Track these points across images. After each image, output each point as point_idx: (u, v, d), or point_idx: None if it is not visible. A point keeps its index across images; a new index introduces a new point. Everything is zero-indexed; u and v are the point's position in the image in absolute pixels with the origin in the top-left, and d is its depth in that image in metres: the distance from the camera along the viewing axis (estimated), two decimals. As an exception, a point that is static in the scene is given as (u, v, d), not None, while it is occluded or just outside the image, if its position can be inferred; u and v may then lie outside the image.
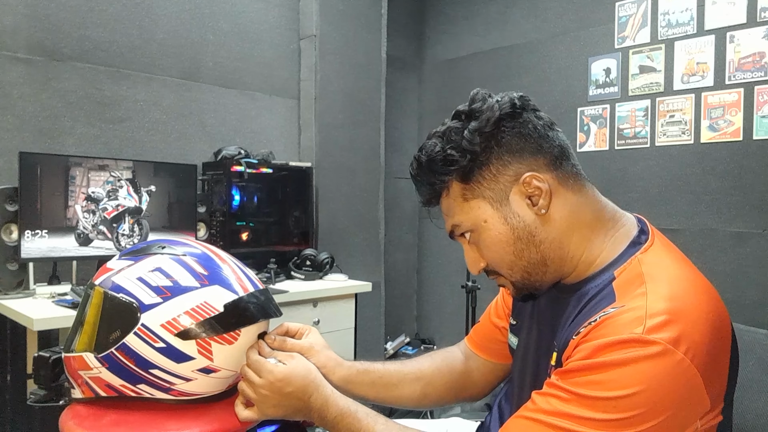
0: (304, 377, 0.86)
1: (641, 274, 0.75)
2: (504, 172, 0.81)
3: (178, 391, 0.82)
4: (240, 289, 0.85)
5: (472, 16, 3.40)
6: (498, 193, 0.81)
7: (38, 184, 1.90)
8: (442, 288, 3.57)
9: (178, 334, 0.79)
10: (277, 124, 2.88)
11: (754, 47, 2.33)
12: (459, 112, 0.85)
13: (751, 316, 2.33)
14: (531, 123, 0.82)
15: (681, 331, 0.67)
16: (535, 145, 0.81)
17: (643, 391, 0.66)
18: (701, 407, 0.70)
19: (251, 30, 2.77)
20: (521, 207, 0.81)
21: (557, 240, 0.82)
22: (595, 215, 0.84)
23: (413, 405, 1.12)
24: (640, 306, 0.70)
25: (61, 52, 2.19)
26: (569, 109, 2.92)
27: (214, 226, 2.43)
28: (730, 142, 2.40)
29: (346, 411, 0.85)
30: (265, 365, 0.85)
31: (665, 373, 0.66)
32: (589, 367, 0.69)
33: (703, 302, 0.73)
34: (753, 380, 1.00)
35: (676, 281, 0.74)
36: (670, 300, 0.70)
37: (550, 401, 0.71)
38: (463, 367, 1.14)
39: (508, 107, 0.82)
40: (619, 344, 0.68)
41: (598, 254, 0.82)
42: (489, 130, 0.81)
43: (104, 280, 0.84)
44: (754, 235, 2.36)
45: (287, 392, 0.84)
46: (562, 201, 0.81)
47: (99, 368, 0.81)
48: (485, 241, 0.84)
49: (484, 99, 0.83)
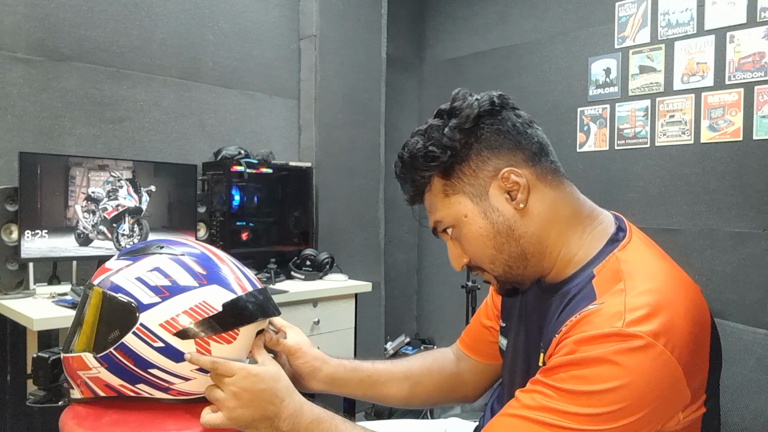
0: (276, 380, 0.82)
1: (619, 271, 0.77)
2: (483, 168, 0.83)
3: (177, 390, 0.82)
4: (238, 288, 0.85)
5: (472, 16, 3.40)
6: (478, 188, 0.84)
7: (38, 184, 1.90)
8: (442, 288, 3.57)
9: (177, 334, 0.79)
10: (277, 124, 2.88)
11: (754, 47, 2.33)
12: (441, 111, 0.87)
13: (751, 316, 2.32)
14: (509, 120, 0.85)
15: (661, 324, 0.68)
16: (513, 141, 0.84)
17: (626, 384, 0.67)
18: (683, 399, 0.71)
19: (251, 30, 2.77)
20: (500, 202, 0.83)
21: (536, 234, 0.83)
22: (572, 212, 0.86)
23: (401, 403, 1.13)
24: (619, 302, 0.72)
25: (61, 52, 2.19)
26: (569, 109, 2.92)
27: (214, 226, 2.43)
28: (730, 142, 2.40)
29: (324, 417, 0.83)
30: (236, 363, 0.81)
31: (647, 366, 0.67)
32: (572, 362, 0.70)
33: (682, 296, 0.74)
34: (752, 380, 1.00)
35: (655, 276, 0.75)
36: (649, 294, 0.72)
37: (534, 397, 0.72)
38: (455, 368, 1.15)
39: (487, 105, 0.84)
40: (601, 338, 0.69)
41: (576, 251, 0.84)
42: (468, 127, 0.83)
43: (103, 280, 0.84)
44: (754, 235, 2.35)
45: (259, 390, 0.80)
46: (540, 196, 0.83)
47: (98, 368, 0.81)
48: (466, 236, 0.86)
49: (464, 98, 0.86)
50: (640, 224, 0.89)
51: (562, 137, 2.91)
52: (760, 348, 1.02)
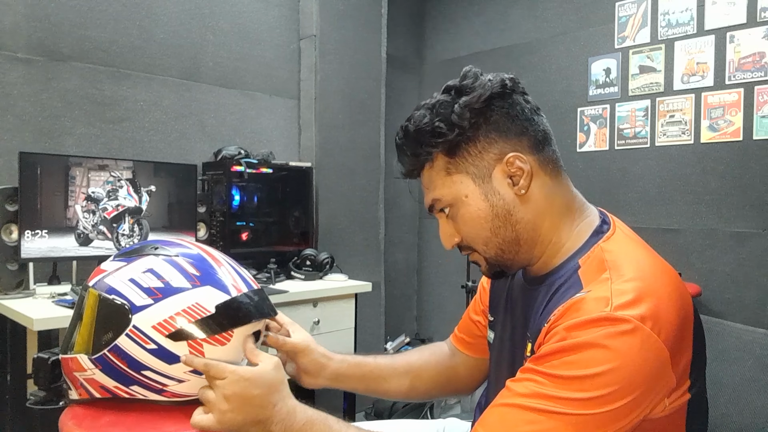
0: (268, 383, 0.80)
1: (604, 260, 0.78)
2: (489, 150, 0.83)
3: (171, 392, 0.82)
4: (233, 289, 0.84)
5: (472, 16, 3.40)
6: (481, 170, 0.84)
7: (38, 184, 1.91)
8: (442, 288, 3.57)
9: (170, 336, 0.79)
10: (277, 124, 2.88)
11: (754, 47, 2.32)
12: (450, 87, 0.86)
13: (751, 316, 2.32)
14: (519, 105, 0.85)
15: (647, 309, 0.70)
16: (520, 126, 0.84)
17: (616, 368, 0.68)
18: (669, 383, 0.72)
19: (251, 30, 2.77)
20: (502, 185, 0.84)
21: (531, 221, 0.84)
22: (566, 203, 0.87)
23: (402, 397, 1.16)
24: (605, 288, 0.73)
25: (61, 52, 2.20)
26: (569, 109, 2.91)
27: (214, 226, 2.43)
28: (730, 142, 2.40)
29: (316, 418, 0.82)
30: (228, 366, 0.79)
31: (636, 349, 0.68)
32: (562, 349, 0.71)
33: (665, 283, 0.75)
34: (752, 379, 1.00)
35: (639, 264, 0.77)
36: (633, 281, 0.73)
37: (526, 385, 0.72)
38: (450, 362, 1.18)
39: (499, 87, 0.83)
40: (589, 323, 0.70)
41: (564, 242, 0.85)
42: (479, 107, 0.82)
43: (98, 282, 0.84)
44: (754, 235, 2.35)
45: (251, 394, 0.78)
46: (539, 184, 0.84)
47: (93, 370, 0.82)
48: (464, 216, 0.86)
49: (476, 76, 0.85)
50: (640, 224, 0.90)
51: (562, 137, 2.90)
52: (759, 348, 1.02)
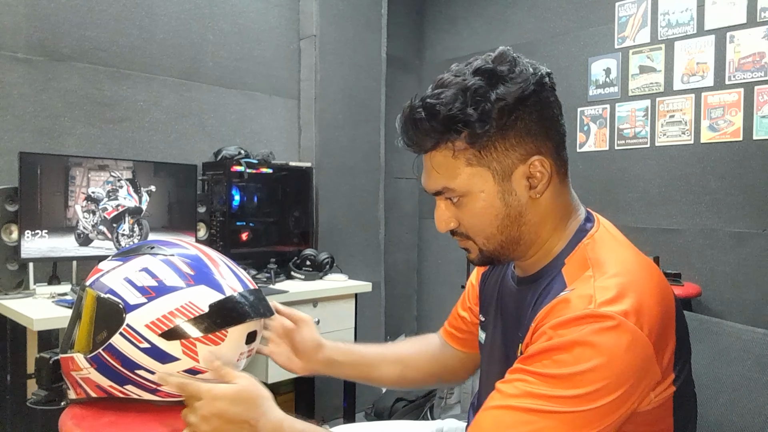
0: (248, 400, 0.77)
1: (587, 258, 0.79)
2: (516, 149, 0.80)
3: (165, 392, 0.82)
4: (228, 289, 0.85)
5: (472, 16, 3.40)
6: (504, 168, 0.80)
7: (38, 184, 1.91)
8: (442, 288, 3.57)
9: (163, 335, 0.79)
10: (277, 124, 2.88)
11: (754, 47, 2.32)
12: (484, 70, 0.79)
13: (751, 316, 2.32)
14: (551, 104, 0.82)
15: (631, 304, 0.70)
16: (548, 127, 0.82)
17: (604, 363, 0.68)
18: (654, 377, 0.73)
19: (251, 30, 2.78)
20: (520, 186, 0.81)
21: (536, 224, 0.84)
22: (566, 206, 0.87)
23: (393, 384, 1.19)
24: (589, 286, 0.74)
25: (61, 52, 2.20)
26: (569, 109, 2.91)
27: (214, 226, 2.43)
28: (730, 142, 2.39)
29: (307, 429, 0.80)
30: (203, 385, 0.77)
31: (623, 344, 0.69)
32: (550, 348, 0.71)
33: (647, 278, 0.76)
34: (751, 379, 1.00)
35: (621, 261, 0.78)
36: (616, 277, 0.74)
37: (516, 385, 0.72)
38: (440, 353, 1.20)
39: (539, 83, 0.79)
40: (575, 321, 0.71)
41: (556, 243, 0.85)
42: (515, 104, 0.78)
43: (94, 281, 0.85)
44: (754, 235, 2.35)
45: (232, 414, 0.75)
46: (551, 188, 0.83)
47: (88, 369, 0.82)
48: (473, 209, 0.83)
49: (514, 62, 0.80)
50: (640, 224, 0.90)
51: (562, 137, 2.90)
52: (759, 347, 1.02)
